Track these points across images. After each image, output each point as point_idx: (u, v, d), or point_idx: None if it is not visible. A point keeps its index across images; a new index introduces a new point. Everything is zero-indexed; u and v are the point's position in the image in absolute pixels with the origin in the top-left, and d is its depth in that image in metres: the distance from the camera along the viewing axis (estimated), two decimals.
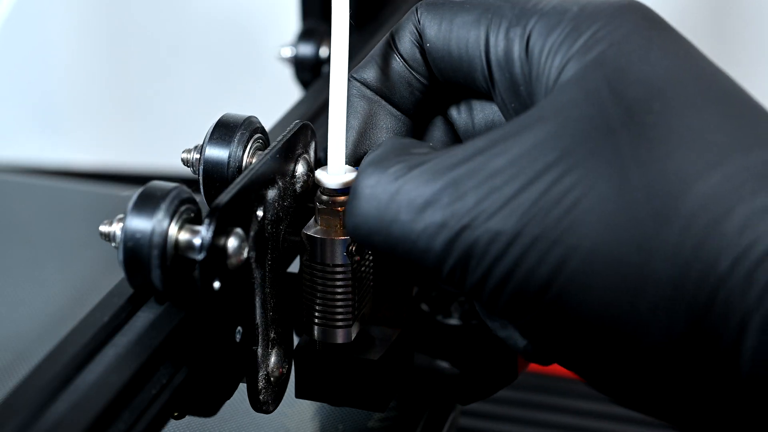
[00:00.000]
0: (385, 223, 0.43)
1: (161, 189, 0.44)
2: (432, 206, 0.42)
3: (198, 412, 0.46)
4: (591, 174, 0.41)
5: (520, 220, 0.41)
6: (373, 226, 0.43)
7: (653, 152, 0.41)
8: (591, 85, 0.42)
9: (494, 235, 0.41)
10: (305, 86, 0.70)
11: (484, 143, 0.43)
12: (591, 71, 0.42)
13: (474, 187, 0.42)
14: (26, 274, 0.73)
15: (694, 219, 0.40)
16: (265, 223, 0.47)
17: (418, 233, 0.42)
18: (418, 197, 0.43)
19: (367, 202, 0.44)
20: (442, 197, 0.42)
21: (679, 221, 0.40)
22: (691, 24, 1.34)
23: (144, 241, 0.43)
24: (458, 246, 0.42)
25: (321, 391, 0.51)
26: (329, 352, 0.50)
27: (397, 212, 0.43)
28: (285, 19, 1.00)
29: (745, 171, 0.40)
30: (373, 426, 0.58)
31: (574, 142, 0.41)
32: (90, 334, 0.43)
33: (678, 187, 0.40)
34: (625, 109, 0.41)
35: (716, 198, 0.40)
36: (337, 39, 0.48)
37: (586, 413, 0.78)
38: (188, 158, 0.50)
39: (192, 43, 1.38)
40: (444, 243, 0.42)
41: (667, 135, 0.41)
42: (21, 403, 0.40)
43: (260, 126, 0.50)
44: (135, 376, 0.42)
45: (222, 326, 0.45)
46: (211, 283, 0.44)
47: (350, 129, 0.49)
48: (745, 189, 0.40)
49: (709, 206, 0.40)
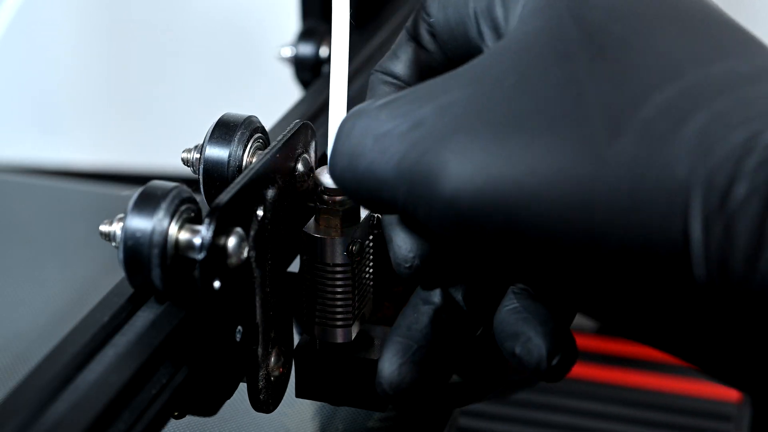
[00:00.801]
0: (354, 158, 0.43)
1: (161, 188, 0.44)
2: (390, 135, 0.43)
3: (198, 411, 0.46)
4: (543, 96, 0.41)
5: None
6: (345, 164, 0.44)
7: (609, 70, 0.40)
8: (553, 12, 0.43)
9: (445, 160, 0.41)
10: (305, 86, 0.70)
11: (446, 76, 0.43)
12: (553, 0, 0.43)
13: (431, 113, 0.42)
14: (26, 274, 0.73)
15: (649, 128, 0.39)
16: (265, 223, 0.47)
17: (377, 163, 0.43)
18: (380, 128, 0.43)
19: (342, 142, 0.44)
20: (400, 125, 0.42)
21: (634, 131, 0.39)
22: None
23: (144, 241, 0.43)
24: (411, 170, 0.42)
25: (321, 390, 0.51)
26: (329, 351, 0.50)
27: (363, 146, 0.43)
28: (285, 19, 1.00)
29: (704, 82, 0.40)
30: (373, 426, 0.58)
31: (531, 67, 0.42)
32: (90, 334, 0.43)
33: (633, 100, 0.40)
34: (585, 33, 0.42)
35: (672, 108, 0.39)
36: (337, 39, 0.48)
37: (586, 413, 0.78)
38: (188, 158, 0.50)
39: (192, 43, 1.38)
40: (396, 168, 0.42)
41: (624, 54, 0.41)
42: (21, 403, 0.40)
43: (260, 125, 0.50)
44: (135, 376, 0.42)
45: (222, 326, 0.45)
46: (212, 283, 0.44)
47: None
48: (704, 97, 0.39)
49: (665, 115, 0.39)
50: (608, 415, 0.77)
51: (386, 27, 0.71)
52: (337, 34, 0.48)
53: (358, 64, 0.66)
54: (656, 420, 0.77)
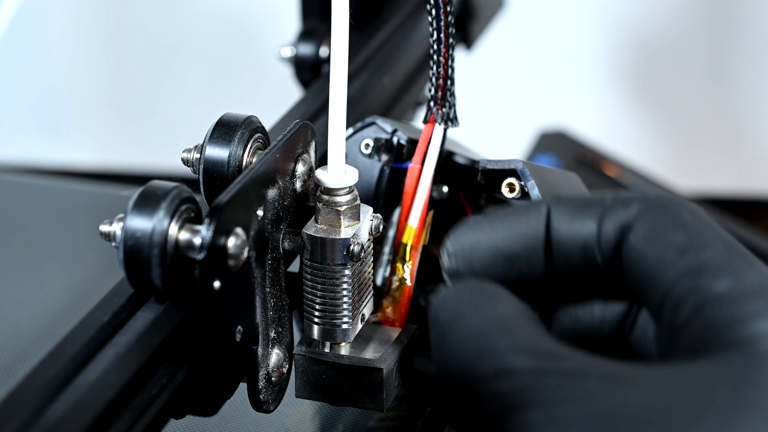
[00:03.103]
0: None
1: (161, 188, 0.44)
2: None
3: (198, 411, 0.46)
4: None
5: None
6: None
7: None
8: None
9: None
10: (305, 86, 0.70)
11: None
12: None
13: None
14: (26, 274, 0.73)
15: None
16: (265, 223, 0.47)
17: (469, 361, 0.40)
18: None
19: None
20: None
21: None
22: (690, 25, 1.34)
23: (144, 241, 0.43)
24: None
25: (321, 391, 0.51)
26: (329, 351, 0.50)
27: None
28: (285, 19, 0.99)
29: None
30: (373, 426, 0.58)
31: None
32: (90, 334, 0.43)
33: None
34: None
35: None
36: (337, 39, 0.48)
37: None
38: (188, 158, 0.50)
39: (192, 43, 1.38)
40: None
41: None
42: (21, 403, 0.40)
43: (260, 125, 0.50)
44: (135, 376, 0.42)
45: (222, 326, 0.45)
46: (212, 283, 0.44)
47: None
48: None
49: None
50: None
51: (386, 27, 0.71)
52: (337, 34, 0.48)
53: (358, 64, 0.66)
54: None
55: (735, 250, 0.42)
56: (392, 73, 0.68)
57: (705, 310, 0.40)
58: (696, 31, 1.34)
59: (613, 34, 1.37)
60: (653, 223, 0.43)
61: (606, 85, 1.40)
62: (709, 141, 1.41)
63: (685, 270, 0.41)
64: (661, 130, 1.42)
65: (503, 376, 0.39)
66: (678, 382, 0.38)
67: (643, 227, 0.43)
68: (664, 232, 0.42)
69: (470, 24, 0.81)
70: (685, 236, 0.42)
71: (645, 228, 0.43)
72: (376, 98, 0.65)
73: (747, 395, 0.37)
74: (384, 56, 0.69)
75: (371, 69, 0.68)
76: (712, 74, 1.38)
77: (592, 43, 1.38)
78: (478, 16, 0.81)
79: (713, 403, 0.37)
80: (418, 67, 0.71)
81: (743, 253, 0.42)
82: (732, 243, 0.42)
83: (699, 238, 0.42)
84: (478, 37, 0.83)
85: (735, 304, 0.40)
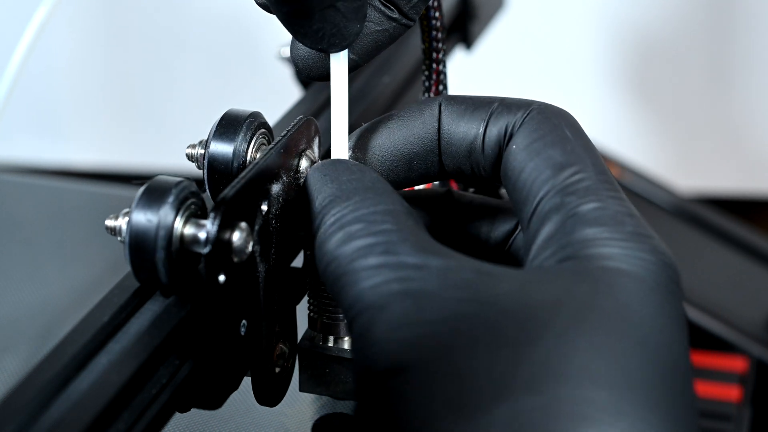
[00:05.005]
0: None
1: (167, 183, 0.44)
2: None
3: (203, 405, 0.46)
4: None
5: None
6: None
7: None
8: None
9: None
10: (305, 87, 0.70)
11: None
12: None
13: None
14: (26, 274, 0.73)
15: None
16: (270, 218, 0.47)
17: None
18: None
19: None
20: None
21: None
22: (691, 25, 1.34)
23: (149, 235, 0.43)
24: None
25: (324, 385, 0.51)
26: (333, 346, 0.51)
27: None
28: None
29: None
30: None
31: None
32: (90, 334, 0.43)
33: None
34: None
35: None
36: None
37: None
38: (193, 153, 0.50)
39: (192, 43, 1.38)
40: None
41: None
42: (21, 403, 0.40)
43: (264, 121, 0.50)
44: (137, 374, 0.42)
45: (227, 320, 0.45)
46: (216, 277, 0.44)
47: None
48: None
49: None
50: None
51: None
52: None
53: None
54: None
55: (604, 175, 0.45)
56: (392, 73, 0.68)
57: (567, 227, 0.44)
58: (696, 31, 1.35)
59: (613, 35, 1.38)
60: (535, 133, 0.47)
61: (606, 85, 1.40)
62: (709, 141, 1.41)
63: (558, 188, 0.45)
64: (661, 130, 1.42)
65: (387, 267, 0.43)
66: (542, 281, 0.42)
67: (525, 137, 0.47)
68: (543, 146, 0.46)
69: (470, 24, 0.81)
70: (563, 153, 0.46)
71: (526, 138, 0.47)
72: (376, 98, 0.65)
73: (596, 299, 0.41)
74: (384, 56, 0.69)
75: (371, 69, 0.68)
76: (713, 74, 1.38)
77: (592, 44, 1.38)
78: (478, 16, 0.82)
79: (572, 300, 0.41)
80: (419, 67, 0.71)
81: (611, 180, 0.45)
82: (603, 168, 0.46)
83: (574, 157, 0.46)
84: (478, 37, 0.83)
85: (595, 226, 0.44)
